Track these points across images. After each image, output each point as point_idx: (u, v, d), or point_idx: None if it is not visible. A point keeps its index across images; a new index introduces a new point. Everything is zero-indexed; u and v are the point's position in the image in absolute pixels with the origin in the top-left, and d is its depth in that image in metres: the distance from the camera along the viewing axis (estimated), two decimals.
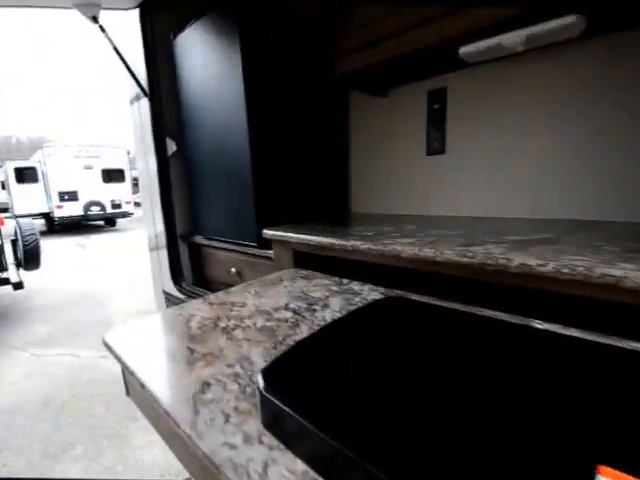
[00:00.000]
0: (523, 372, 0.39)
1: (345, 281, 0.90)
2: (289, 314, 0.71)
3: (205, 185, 1.53)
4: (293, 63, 1.31)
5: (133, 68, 1.54)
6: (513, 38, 0.88)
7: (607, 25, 0.90)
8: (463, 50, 0.97)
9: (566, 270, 0.58)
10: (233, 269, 1.48)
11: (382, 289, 0.82)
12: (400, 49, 0.99)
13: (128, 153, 10.65)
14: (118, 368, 0.62)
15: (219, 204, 1.46)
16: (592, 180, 1.04)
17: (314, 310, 0.72)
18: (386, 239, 0.89)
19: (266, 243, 1.23)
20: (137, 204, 12.13)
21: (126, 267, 5.11)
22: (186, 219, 1.76)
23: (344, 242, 0.91)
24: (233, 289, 0.90)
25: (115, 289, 4.03)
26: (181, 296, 1.73)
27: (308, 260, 1.11)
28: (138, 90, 1.62)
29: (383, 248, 0.82)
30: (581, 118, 1.02)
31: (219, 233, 1.53)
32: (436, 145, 1.34)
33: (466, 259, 0.67)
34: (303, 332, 0.62)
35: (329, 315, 0.69)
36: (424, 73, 1.28)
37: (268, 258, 1.27)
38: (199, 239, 1.69)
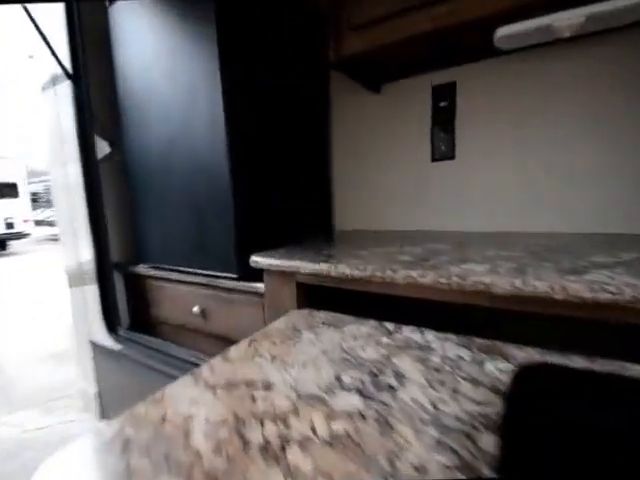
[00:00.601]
0: None
1: (390, 327, 0.66)
2: (355, 399, 0.44)
3: (154, 198, 1.19)
4: (287, 55, 1.09)
5: (51, 40, 1.16)
6: (569, 19, 0.77)
7: None
8: (502, 31, 0.84)
9: None
10: (196, 308, 1.15)
11: (453, 336, 0.60)
12: (428, 25, 0.82)
13: (26, 166, 9.22)
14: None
15: (175, 223, 1.13)
16: (627, 194, 0.98)
17: (391, 388, 0.47)
18: (447, 265, 0.69)
19: (251, 274, 0.94)
20: (38, 222, 10.45)
21: (20, 301, 4.20)
22: (123, 243, 1.38)
23: (392, 274, 0.68)
24: (233, 352, 0.61)
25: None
26: (118, 346, 1.32)
27: (317, 296, 0.86)
28: (55, 72, 1.23)
29: (461, 282, 0.61)
30: (629, 126, 0.96)
31: (175, 261, 1.19)
32: (444, 149, 1.20)
33: (608, 295, 0.49)
34: (411, 441, 0.36)
35: (421, 395, 0.44)
36: (428, 64, 1.14)
37: (253, 293, 0.99)
38: (143, 269, 1.32)
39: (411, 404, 0.43)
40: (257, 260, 0.90)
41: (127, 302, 1.39)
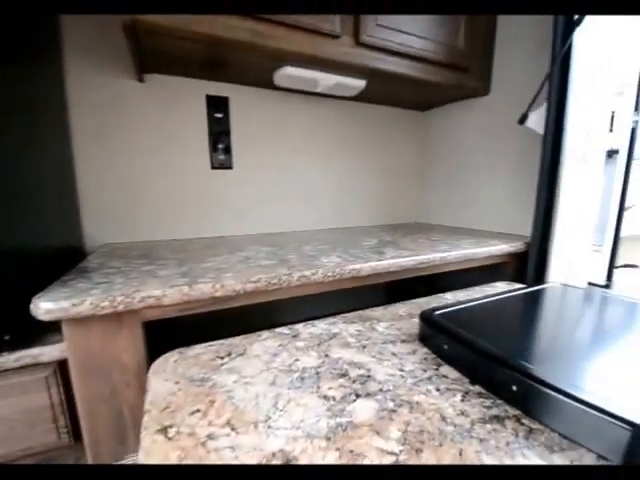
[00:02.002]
0: None
1: (285, 330, 0.65)
2: (365, 403, 0.44)
3: None
4: None
5: None
6: (328, 80, 1.05)
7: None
8: (288, 70, 0.99)
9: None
10: None
11: (332, 319, 0.69)
12: (247, 36, 0.82)
13: None
14: None
15: None
16: (352, 202, 1.47)
17: (367, 377, 0.52)
18: (309, 262, 0.76)
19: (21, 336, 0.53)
20: None
21: None
22: None
23: (287, 277, 0.64)
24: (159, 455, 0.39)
25: None
26: None
27: (161, 333, 0.63)
28: None
29: (342, 271, 0.70)
30: (345, 157, 1.45)
31: None
32: (223, 159, 1.20)
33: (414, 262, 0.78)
34: (435, 401, 0.45)
35: (386, 369, 0.51)
36: (207, 71, 1.09)
37: (23, 369, 0.55)
38: None
39: (393, 379, 0.50)
40: (50, 308, 0.52)
41: None
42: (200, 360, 0.54)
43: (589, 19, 0.87)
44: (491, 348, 0.46)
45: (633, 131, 1.48)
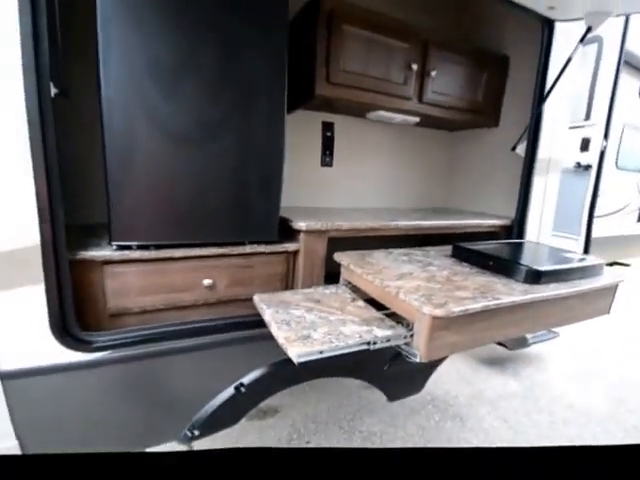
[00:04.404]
0: None
1: (384, 251, 1.39)
2: (433, 268, 1.22)
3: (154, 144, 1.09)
4: None
5: None
6: (400, 118, 1.79)
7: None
8: (380, 113, 1.74)
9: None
10: (207, 281, 1.22)
11: (406, 249, 1.44)
12: (368, 100, 1.61)
13: None
14: None
15: (201, 190, 1.18)
16: (403, 190, 2.22)
17: (430, 264, 1.27)
18: (392, 219, 1.51)
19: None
20: None
21: None
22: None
23: (388, 223, 1.41)
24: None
25: None
26: (90, 357, 1.01)
27: (337, 245, 1.38)
28: None
29: (415, 224, 1.47)
30: (400, 161, 2.19)
31: (172, 234, 1.17)
32: (328, 160, 1.96)
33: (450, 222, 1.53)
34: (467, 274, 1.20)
35: (440, 264, 1.28)
36: (323, 108, 1.85)
37: (280, 253, 1.32)
38: (112, 252, 1.09)
39: (442, 264, 1.27)
40: (301, 224, 1.28)
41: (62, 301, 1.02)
42: (354, 255, 1.28)
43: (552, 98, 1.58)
44: (484, 251, 1.21)
45: (602, 153, 2.21)
